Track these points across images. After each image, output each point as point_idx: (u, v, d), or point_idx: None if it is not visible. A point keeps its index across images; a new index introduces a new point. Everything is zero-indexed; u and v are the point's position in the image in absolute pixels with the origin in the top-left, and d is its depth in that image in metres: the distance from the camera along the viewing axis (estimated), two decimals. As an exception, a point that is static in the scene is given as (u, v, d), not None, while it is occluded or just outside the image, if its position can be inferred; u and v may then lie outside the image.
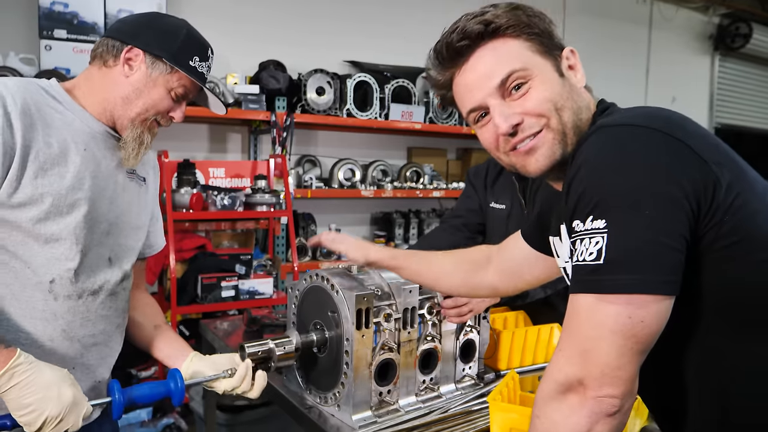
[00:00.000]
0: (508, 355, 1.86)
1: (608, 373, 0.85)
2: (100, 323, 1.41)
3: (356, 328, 1.48)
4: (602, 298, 0.85)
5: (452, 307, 1.66)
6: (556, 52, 1.06)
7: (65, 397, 1.18)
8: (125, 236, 1.47)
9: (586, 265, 0.86)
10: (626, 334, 0.84)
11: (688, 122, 0.94)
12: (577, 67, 1.08)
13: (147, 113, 1.40)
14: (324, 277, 1.58)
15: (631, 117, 0.92)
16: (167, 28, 1.40)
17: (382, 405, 1.55)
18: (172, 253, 3.21)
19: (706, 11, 7.23)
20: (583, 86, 1.08)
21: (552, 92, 1.02)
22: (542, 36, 1.04)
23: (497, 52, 1.03)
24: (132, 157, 1.41)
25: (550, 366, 0.92)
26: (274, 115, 3.86)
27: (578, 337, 0.88)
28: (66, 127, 1.33)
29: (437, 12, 4.89)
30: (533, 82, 1.02)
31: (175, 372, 1.39)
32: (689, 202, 0.84)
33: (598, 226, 0.85)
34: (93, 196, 1.35)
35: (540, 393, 0.93)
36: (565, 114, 1.02)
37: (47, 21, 3.43)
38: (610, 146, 0.89)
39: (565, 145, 1.03)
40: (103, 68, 1.39)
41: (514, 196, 2.12)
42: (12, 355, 1.15)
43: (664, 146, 0.86)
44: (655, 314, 0.84)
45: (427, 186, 4.66)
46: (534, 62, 1.03)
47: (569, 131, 1.03)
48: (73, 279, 1.33)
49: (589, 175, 0.88)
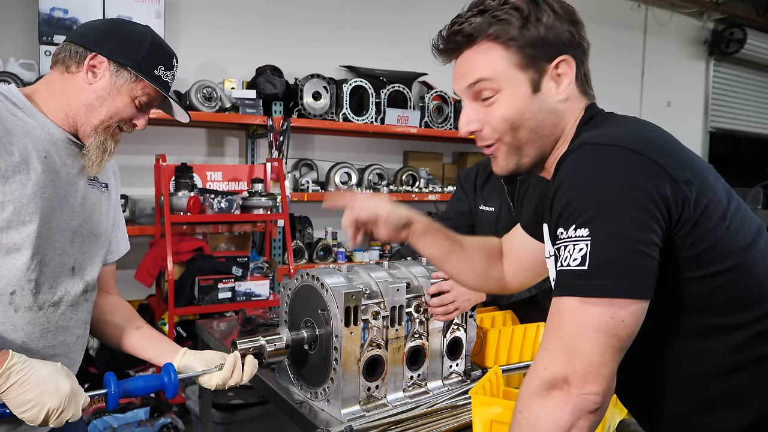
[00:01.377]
0: (495, 352, 1.90)
1: (591, 371, 0.90)
2: (61, 334, 1.39)
3: (345, 325, 1.53)
4: (586, 300, 0.90)
5: (439, 305, 1.70)
6: (542, 63, 1.07)
7: (63, 388, 1.22)
8: (89, 244, 1.45)
9: (571, 270, 0.92)
10: (609, 332, 0.90)
11: (663, 140, 1.01)
12: (563, 78, 1.08)
13: (110, 120, 1.39)
14: (314, 276, 1.62)
15: (609, 136, 0.98)
16: (132, 36, 1.40)
17: (370, 400, 1.60)
18: (170, 255, 3.25)
19: (701, 16, 7.29)
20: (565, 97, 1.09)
21: (513, 111, 1.08)
22: (529, 47, 1.06)
23: (476, 58, 1.09)
24: (95, 165, 1.40)
25: (535, 364, 0.96)
26: (271, 119, 3.90)
27: (563, 336, 0.92)
28: (26, 134, 1.31)
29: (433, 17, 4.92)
30: (500, 96, 1.08)
31: (168, 366, 1.43)
32: (661, 214, 0.91)
33: (582, 234, 0.91)
34: (55, 205, 1.34)
35: (524, 389, 0.97)
36: (521, 132, 1.09)
37: (47, 27, 3.48)
38: (591, 164, 0.95)
39: (519, 156, 1.12)
40: (66, 74, 1.37)
41: (503, 198, 2.17)
42: (5, 357, 1.19)
43: (638, 165, 0.93)
44: (634, 315, 0.91)
45: (423, 190, 4.71)
46: (507, 76, 1.07)
47: (525, 146, 1.11)
48: (34, 290, 1.32)
49: (571, 190, 0.95)
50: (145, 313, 3.76)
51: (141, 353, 1.56)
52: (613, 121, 1.10)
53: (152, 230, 3.62)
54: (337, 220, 5.16)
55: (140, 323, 1.61)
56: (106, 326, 1.58)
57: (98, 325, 1.56)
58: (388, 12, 4.91)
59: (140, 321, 1.62)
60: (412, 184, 4.74)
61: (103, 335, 1.59)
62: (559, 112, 1.11)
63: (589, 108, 1.14)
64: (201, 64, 4.10)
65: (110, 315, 1.58)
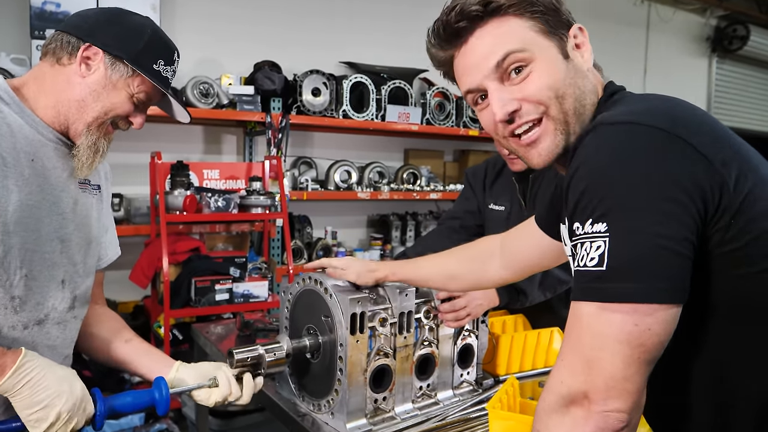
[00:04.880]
0: (507, 359, 1.81)
1: (614, 386, 0.80)
2: (46, 354, 1.25)
3: (350, 333, 1.43)
4: (606, 306, 0.80)
5: (449, 311, 1.61)
6: (561, 31, 0.99)
7: (77, 390, 1.16)
8: (82, 253, 1.35)
9: (588, 271, 0.82)
10: (633, 343, 0.79)
11: (695, 115, 0.89)
12: (584, 46, 1.02)
13: (105, 117, 1.28)
14: (317, 281, 1.53)
15: (633, 113, 0.87)
16: (130, 27, 1.28)
17: (377, 412, 1.51)
18: (166, 255, 3.16)
19: (704, 13, 7.22)
20: (590, 67, 1.02)
21: (554, 78, 0.97)
22: (547, 14, 0.98)
23: (496, 32, 0.98)
24: (86, 167, 1.29)
25: (552, 377, 0.87)
26: (270, 116, 3.82)
27: (581, 347, 0.83)
28: (13, 134, 1.20)
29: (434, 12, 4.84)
30: (534, 65, 0.97)
31: (160, 380, 1.33)
32: (695, 204, 0.80)
33: (599, 230, 0.81)
34: (43, 212, 1.23)
35: (541, 405, 0.88)
36: (567, 101, 0.97)
37: (39, 21, 3.38)
38: (609, 146, 0.84)
39: (567, 134, 0.99)
40: (57, 66, 1.26)
41: (514, 197, 2.08)
42: (18, 355, 1.12)
43: (667, 146, 0.81)
44: (663, 322, 0.79)
45: (424, 188, 4.63)
46: (536, 43, 0.97)
47: (571, 119, 0.98)
48: (18, 308, 1.21)
49: (588, 176, 0.84)
50: (140, 314, 3.68)
51: (132, 367, 1.46)
52: (635, 97, 0.98)
53: (147, 230, 3.53)
54: (336, 219, 5.09)
55: (130, 335, 1.50)
56: (93, 339, 1.47)
57: (83, 337, 1.44)
58: (389, 7, 4.82)
59: (130, 333, 1.51)
60: (413, 183, 4.65)
61: (89, 349, 1.48)
62: (591, 80, 1.01)
63: (608, 85, 1.03)
64: (197, 59, 4.00)
65: (96, 327, 1.47)
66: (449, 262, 1.52)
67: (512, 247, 1.41)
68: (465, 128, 4.60)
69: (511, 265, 1.42)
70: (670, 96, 0.96)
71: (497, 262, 1.44)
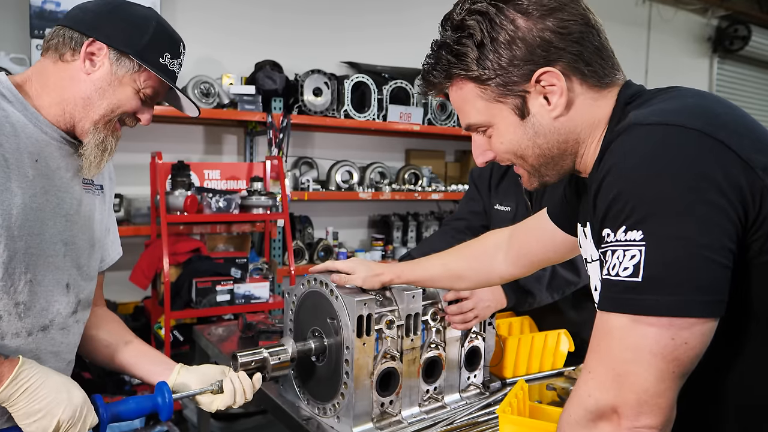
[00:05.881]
0: (514, 362, 1.79)
1: (647, 401, 0.76)
2: (50, 361, 1.24)
3: (357, 336, 1.41)
4: (640, 319, 0.76)
5: (457, 313, 1.59)
6: (519, 88, 0.93)
7: (76, 398, 1.12)
8: (86, 256, 1.32)
9: (620, 281, 0.78)
10: (668, 357, 0.76)
11: (734, 115, 0.85)
12: (552, 92, 0.93)
13: (112, 114, 1.24)
14: (323, 282, 1.50)
15: (668, 113, 0.82)
16: (134, 19, 1.23)
17: (383, 416, 1.48)
18: (166, 256, 3.14)
19: (705, 13, 7.20)
20: (561, 112, 0.94)
21: (508, 144, 0.99)
22: (497, 76, 0.93)
23: (458, 97, 1.01)
24: (94, 166, 1.25)
25: (578, 390, 0.83)
26: (271, 116, 3.79)
27: (611, 360, 0.79)
28: (17, 134, 1.16)
29: (435, 10, 4.81)
30: (493, 131, 1.00)
31: (162, 385, 1.30)
32: (735, 210, 0.76)
33: (634, 238, 0.77)
34: (47, 215, 1.20)
35: (566, 419, 0.84)
36: (529, 159, 1.00)
37: (39, 20, 3.36)
38: (643, 149, 0.79)
39: (540, 177, 1.03)
40: (59, 63, 1.22)
41: (519, 197, 2.05)
42: (15, 364, 1.09)
43: (705, 149, 0.77)
44: (700, 336, 0.76)
45: (426, 188, 4.60)
46: (489, 111, 0.98)
47: (543, 168, 1.01)
48: (22, 314, 1.18)
49: (620, 181, 0.80)
50: (141, 316, 3.65)
51: (132, 371, 1.43)
52: (668, 94, 0.92)
53: (148, 230, 3.50)
54: (338, 220, 5.06)
55: (130, 337, 1.47)
56: (94, 342, 1.44)
57: (85, 340, 1.41)
58: (390, 6, 4.79)
59: (130, 335, 1.48)
60: (414, 183, 4.63)
61: (91, 351, 1.45)
62: (561, 128, 0.96)
63: (625, 87, 0.98)
64: (198, 58, 3.98)
65: (98, 329, 1.44)
66: (455, 260, 1.50)
67: (521, 242, 1.38)
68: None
69: (519, 260, 1.39)
70: (706, 92, 0.91)
71: (503, 257, 1.42)
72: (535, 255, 1.36)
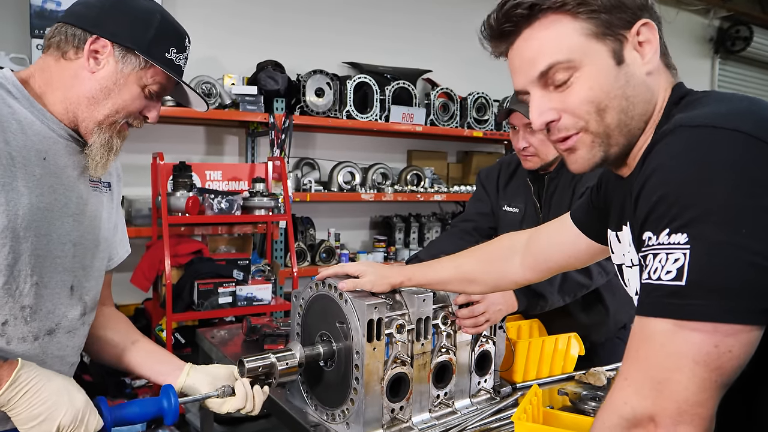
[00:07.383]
0: (525, 366, 1.76)
1: (686, 410, 0.73)
2: (56, 364, 1.22)
3: (367, 341, 1.38)
4: (683, 324, 0.73)
5: (468, 317, 1.56)
6: (619, 30, 0.91)
7: (77, 401, 1.09)
8: (91, 256, 1.29)
9: (662, 285, 0.75)
10: (711, 365, 0.73)
11: None
12: (649, 44, 0.92)
13: (117, 115, 1.21)
14: (332, 286, 1.47)
15: (716, 116, 0.80)
16: (138, 14, 1.20)
17: (394, 423, 1.45)
18: (168, 258, 3.11)
19: (707, 14, 7.18)
20: (653, 68, 0.93)
21: (597, 90, 0.91)
22: (603, 11, 0.90)
23: (543, 36, 0.92)
24: (100, 166, 1.23)
25: (613, 396, 0.81)
26: (273, 116, 3.76)
27: (650, 366, 0.76)
28: (24, 131, 1.13)
29: (437, 11, 4.80)
30: (580, 74, 0.91)
31: (168, 388, 1.27)
32: None
33: (678, 241, 0.74)
34: (54, 215, 1.17)
35: (599, 426, 0.81)
36: (609, 115, 0.92)
37: (39, 20, 3.33)
38: (690, 151, 0.77)
39: (607, 146, 0.94)
40: (62, 61, 1.18)
41: (528, 198, 2.03)
42: (14, 367, 1.06)
43: (754, 152, 0.75)
44: (746, 344, 0.73)
45: (428, 189, 4.57)
46: (584, 49, 0.90)
47: (614, 132, 0.93)
48: (29, 318, 1.15)
49: (665, 183, 0.77)
50: (142, 318, 3.62)
51: (140, 371, 1.40)
52: (713, 98, 0.90)
53: (149, 232, 3.47)
54: (339, 221, 5.03)
55: (136, 336, 1.45)
56: (102, 343, 1.41)
57: (92, 340, 1.38)
58: (392, 7, 4.76)
59: (137, 334, 1.46)
60: (416, 184, 4.60)
61: (99, 352, 1.42)
62: (650, 86, 0.93)
63: (676, 87, 0.96)
64: (200, 58, 3.94)
65: (105, 329, 1.42)
66: (467, 263, 1.47)
67: (540, 248, 1.35)
68: (469, 129, 4.55)
69: (537, 266, 1.36)
70: (755, 97, 0.89)
71: (520, 261, 1.39)
72: (555, 261, 1.33)
